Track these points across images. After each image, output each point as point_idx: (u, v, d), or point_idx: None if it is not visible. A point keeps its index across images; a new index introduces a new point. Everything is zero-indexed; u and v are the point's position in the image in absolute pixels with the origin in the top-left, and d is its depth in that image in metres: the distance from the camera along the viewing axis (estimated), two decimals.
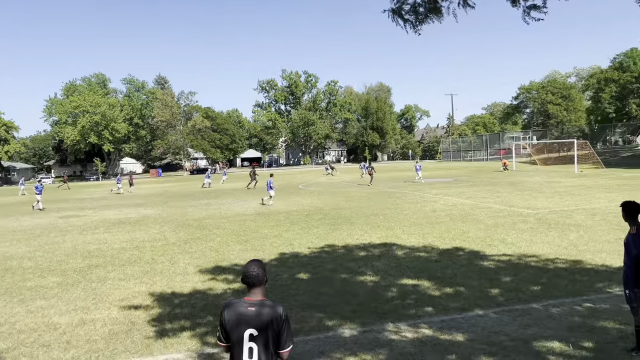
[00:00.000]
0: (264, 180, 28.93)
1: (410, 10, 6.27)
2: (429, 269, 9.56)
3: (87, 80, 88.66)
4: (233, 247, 13.01)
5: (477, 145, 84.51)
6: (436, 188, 28.56)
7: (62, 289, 9.52)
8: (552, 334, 6.12)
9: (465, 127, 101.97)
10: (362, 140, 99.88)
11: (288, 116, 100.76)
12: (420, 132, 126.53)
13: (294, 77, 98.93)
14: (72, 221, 20.96)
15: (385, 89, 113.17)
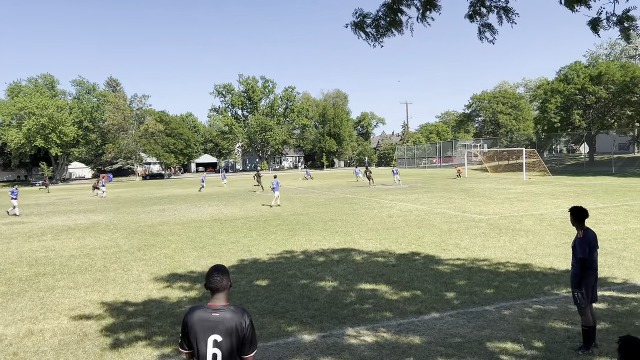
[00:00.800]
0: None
1: (371, 24, 6.40)
2: (387, 274, 9.71)
3: (34, 81, 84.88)
4: (189, 254, 12.77)
5: (431, 152, 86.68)
6: (392, 194, 29.05)
7: (6, 299, 9.06)
8: (504, 335, 6.35)
9: (420, 134, 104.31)
10: (320, 146, 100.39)
11: (245, 121, 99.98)
12: (376, 139, 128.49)
13: (251, 82, 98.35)
14: (17, 227, 19.99)
15: (342, 96, 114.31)
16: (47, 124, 74.35)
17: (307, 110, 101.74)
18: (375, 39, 6.42)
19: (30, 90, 79.90)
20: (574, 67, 57.57)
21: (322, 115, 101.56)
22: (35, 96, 76.85)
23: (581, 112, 54.98)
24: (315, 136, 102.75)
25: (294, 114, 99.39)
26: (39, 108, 74.30)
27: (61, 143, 78.08)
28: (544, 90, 60.97)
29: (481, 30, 6.17)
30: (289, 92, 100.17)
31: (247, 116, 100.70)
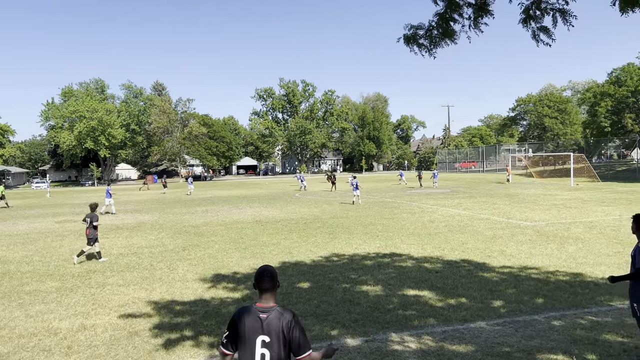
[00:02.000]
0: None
1: (424, 35, 6.32)
2: (430, 280, 9.57)
3: (85, 85, 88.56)
4: (232, 255, 12.98)
5: (473, 156, 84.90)
6: (433, 199, 28.63)
7: (61, 294, 9.47)
8: (555, 345, 6.14)
9: (461, 138, 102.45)
10: (359, 149, 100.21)
11: (285, 124, 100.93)
12: (416, 142, 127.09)
13: (292, 86, 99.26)
14: (68, 226, 20.86)
15: (382, 99, 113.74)
16: (96, 127, 77.38)
17: (346, 114, 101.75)
18: (429, 51, 6.35)
19: (82, 94, 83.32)
20: (627, 69, 55.22)
21: (362, 118, 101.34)
22: (86, 100, 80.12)
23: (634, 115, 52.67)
24: (354, 139, 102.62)
25: (333, 118, 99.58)
26: (89, 111, 77.42)
27: (109, 145, 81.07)
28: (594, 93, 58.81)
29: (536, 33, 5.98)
30: (329, 95, 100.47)
31: (287, 119, 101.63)
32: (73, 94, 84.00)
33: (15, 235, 18.51)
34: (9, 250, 15.01)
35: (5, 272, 11.71)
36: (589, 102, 61.78)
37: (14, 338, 7.06)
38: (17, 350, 6.57)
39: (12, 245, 15.98)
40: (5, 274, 11.50)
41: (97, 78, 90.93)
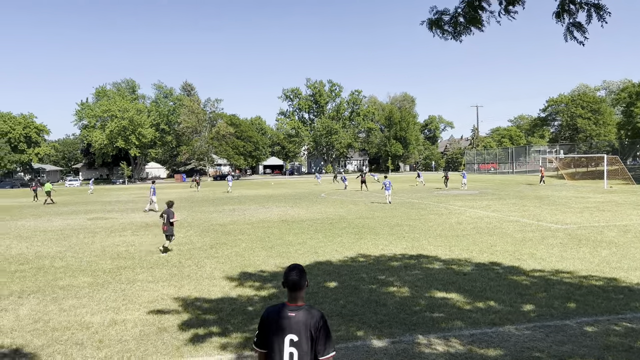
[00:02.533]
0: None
1: (449, 21, 6.23)
2: (457, 282, 9.44)
3: (117, 85, 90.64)
4: (258, 253, 13.08)
5: (503, 157, 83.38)
6: (461, 200, 28.24)
7: (92, 289, 9.71)
8: (587, 352, 5.98)
9: (490, 139, 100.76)
10: (385, 150, 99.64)
11: (311, 125, 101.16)
12: (444, 143, 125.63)
13: (318, 86, 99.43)
14: (100, 223, 21.38)
15: (409, 99, 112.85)
16: (127, 126, 79.07)
17: (373, 114, 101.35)
18: (453, 37, 6.24)
19: (114, 94, 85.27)
20: None
21: (388, 118, 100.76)
22: (117, 100, 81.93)
23: None
24: (380, 140, 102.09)
25: (359, 118, 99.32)
26: (120, 111, 79.15)
27: (140, 144, 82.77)
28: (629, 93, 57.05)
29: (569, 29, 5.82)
30: (356, 95, 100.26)
31: (314, 119, 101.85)
32: (106, 93, 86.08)
33: (50, 231, 19.07)
34: (43, 245, 15.47)
35: (40, 267, 12.08)
36: (624, 103, 59.98)
37: (48, 331, 7.27)
38: (52, 343, 6.76)
39: (46, 241, 16.47)
40: (40, 268, 11.86)
41: (128, 78, 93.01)
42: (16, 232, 18.94)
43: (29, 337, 7.02)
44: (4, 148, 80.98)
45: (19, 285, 10.17)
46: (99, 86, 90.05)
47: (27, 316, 8.03)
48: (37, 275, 11.09)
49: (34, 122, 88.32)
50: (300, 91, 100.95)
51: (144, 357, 6.22)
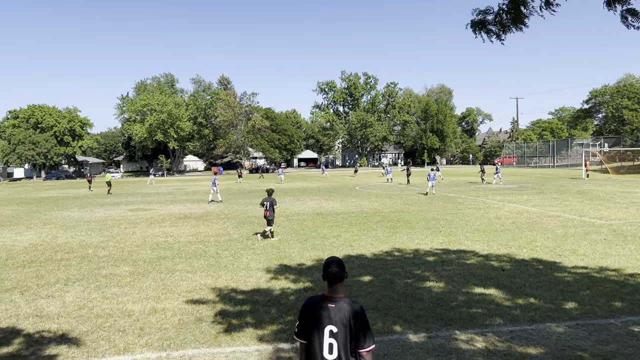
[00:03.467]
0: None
1: (493, 21, 6.05)
2: (496, 278, 9.24)
3: (157, 79, 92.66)
4: (293, 246, 13.17)
5: (543, 151, 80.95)
6: (500, 194, 27.61)
7: (133, 278, 10.00)
8: (633, 352, 5.76)
9: (531, 132, 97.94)
10: (421, 143, 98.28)
11: (346, 117, 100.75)
12: (482, 136, 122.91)
13: (353, 79, 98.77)
14: (140, 214, 21.97)
15: (447, 91, 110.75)
16: (166, 120, 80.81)
17: (408, 106, 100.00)
18: (497, 37, 6.07)
19: (154, 88, 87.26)
20: None
21: (425, 111, 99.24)
22: (157, 94, 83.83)
23: None
24: (416, 133, 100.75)
25: (395, 110, 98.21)
26: (159, 105, 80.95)
27: (178, 137, 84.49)
28: None
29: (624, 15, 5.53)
30: (391, 88, 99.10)
31: (348, 112, 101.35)
32: (146, 88, 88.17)
33: (93, 221, 19.74)
34: (87, 235, 16.03)
35: (84, 256, 12.53)
36: None
37: (93, 318, 7.54)
38: (95, 330, 7.01)
39: (90, 231, 17.06)
40: (84, 257, 12.31)
41: (167, 73, 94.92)
42: (62, 222, 19.70)
43: (74, 323, 7.30)
44: (50, 141, 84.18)
45: (64, 273, 10.58)
46: (139, 81, 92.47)
47: (73, 303, 8.35)
48: (81, 264, 11.51)
49: (78, 116, 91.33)
50: (335, 84, 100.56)
51: (183, 345, 6.37)
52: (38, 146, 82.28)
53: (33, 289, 9.34)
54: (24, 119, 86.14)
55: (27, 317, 7.62)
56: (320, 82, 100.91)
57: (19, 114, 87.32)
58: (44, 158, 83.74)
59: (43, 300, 8.53)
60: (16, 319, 7.55)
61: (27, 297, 8.74)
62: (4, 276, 10.43)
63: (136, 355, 6.08)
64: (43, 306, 8.20)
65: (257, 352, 6.09)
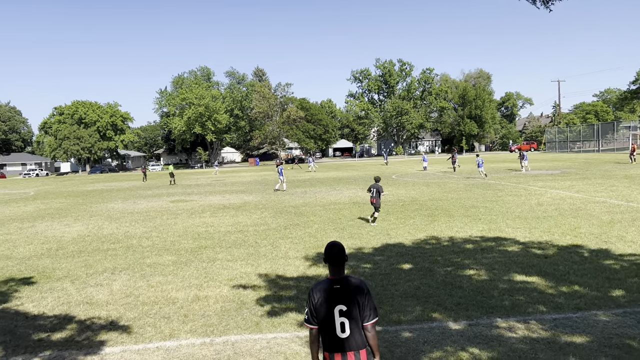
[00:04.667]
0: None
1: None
2: (538, 265, 9.04)
3: (194, 73, 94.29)
4: (330, 234, 13.23)
5: (587, 135, 78.07)
6: (542, 180, 26.86)
7: (177, 267, 10.30)
8: None
9: (574, 115, 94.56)
10: (459, 129, 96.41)
11: (381, 105, 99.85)
12: (522, 121, 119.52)
13: (388, 66, 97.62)
14: (181, 205, 22.54)
15: (485, 75, 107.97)
16: (204, 113, 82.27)
17: (445, 92, 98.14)
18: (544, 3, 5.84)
19: (191, 81, 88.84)
20: None
21: (462, 96, 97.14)
22: (194, 87, 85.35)
23: None
24: (454, 119, 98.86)
25: (431, 97, 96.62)
26: (197, 98, 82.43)
27: (215, 130, 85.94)
28: None
29: None
30: (427, 74, 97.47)
31: (383, 100, 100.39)
32: (183, 81, 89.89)
33: (136, 213, 20.39)
34: (131, 226, 16.59)
35: (129, 246, 12.98)
36: None
37: (139, 305, 7.83)
38: (142, 317, 7.28)
39: (134, 222, 17.64)
40: (129, 247, 12.75)
41: (203, 66, 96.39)
42: (107, 214, 20.44)
43: (122, 310, 7.60)
44: (93, 136, 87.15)
45: (111, 263, 11.01)
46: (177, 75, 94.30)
47: (120, 291, 8.69)
48: (126, 254, 11.94)
49: (119, 111, 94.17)
50: (370, 72, 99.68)
51: (226, 331, 6.55)
52: (82, 141, 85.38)
53: (82, 277, 9.77)
54: (69, 115, 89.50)
55: (78, 305, 7.99)
56: (355, 71, 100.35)
57: (64, 110, 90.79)
58: (88, 152, 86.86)
59: (92, 289, 8.91)
60: (68, 306, 7.92)
61: (77, 286, 9.15)
62: (55, 266, 10.95)
63: (181, 341, 6.29)
64: (92, 294, 8.57)
65: (298, 339, 6.19)
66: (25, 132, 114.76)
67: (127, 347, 6.18)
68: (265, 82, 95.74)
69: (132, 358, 5.86)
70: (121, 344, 6.29)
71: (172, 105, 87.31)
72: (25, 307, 7.96)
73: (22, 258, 11.98)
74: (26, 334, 6.75)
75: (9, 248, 13.42)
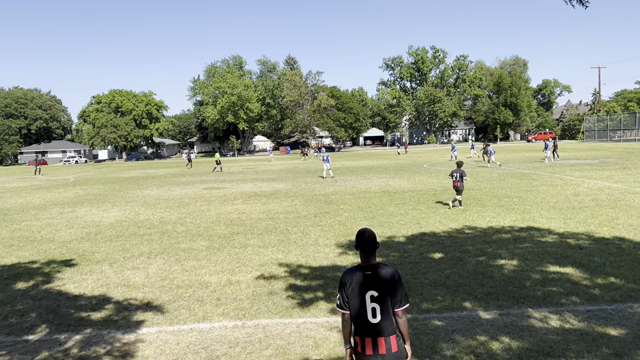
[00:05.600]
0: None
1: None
2: (573, 256, 8.86)
3: (226, 62, 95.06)
4: (360, 223, 13.26)
5: (629, 123, 75.13)
6: (579, 170, 26.12)
7: (210, 252, 10.55)
8: None
9: (614, 103, 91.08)
10: (493, 118, 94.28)
11: (413, 93, 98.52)
12: (560, 109, 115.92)
13: (421, 53, 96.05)
14: (214, 192, 22.95)
15: (521, 62, 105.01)
16: (236, 102, 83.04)
17: (480, 80, 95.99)
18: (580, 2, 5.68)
19: (223, 70, 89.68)
20: None
21: (497, 84, 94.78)
22: (227, 76, 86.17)
23: None
24: (488, 107, 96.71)
25: (465, 84, 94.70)
26: (230, 87, 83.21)
27: (247, 118, 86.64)
28: None
29: None
30: (461, 61, 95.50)
31: (416, 88, 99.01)
32: (216, 70, 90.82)
33: (171, 199, 20.89)
34: (166, 212, 17.02)
35: (164, 231, 13.34)
36: None
37: (174, 288, 8.08)
38: (176, 299, 7.52)
39: (168, 208, 18.09)
40: (164, 233, 13.11)
41: (235, 55, 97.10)
42: (143, 200, 21.01)
43: (157, 293, 7.86)
44: (129, 124, 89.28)
45: (147, 247, 11.36)
46: (209, 64, 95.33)
47: (155, 274, 8.98)
48: (162, 239, 12.28)
49: (154, 99, 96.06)
50: (402, 59, 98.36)
51: (257, 315, 6.70)
52: (119, 129, 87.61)
53: (120, 261, 10.12)
54: (106, 103, 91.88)
55: (116, 287, 8.30)
56: (387, 58, 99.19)
57: (101, 99, 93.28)
58: (124, 140, 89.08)
59: (129, 272, 9.24)
60: (107, 288, 8.25)
61: (115, 269, 9.50)
62: (94, 249, 11.37)
63: (214, 324, 6.48)
64: (129, 277, 8.88)
65: (327, 324, 6.29)
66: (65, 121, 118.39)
67: (163, 328, 6.41)
68: (296, 70, 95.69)
69: (167, 338, 6.08)
70: (157, 325, 6.53)
71: (205, 94, 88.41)
72: (66, 288, 8.33)
73: (63, 241, 12.49)
74: (68, 313, 7.08)
75: (51, 232, 13.99)
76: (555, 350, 5.24)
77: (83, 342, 6.05)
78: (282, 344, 5.75)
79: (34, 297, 7.89)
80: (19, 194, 26.82)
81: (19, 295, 8.05)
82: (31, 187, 31.20)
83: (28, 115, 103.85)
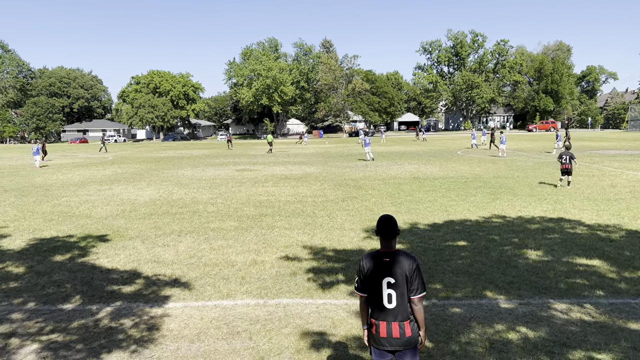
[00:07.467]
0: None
1: None
2: (602, 249, 8.68)
3: (262, 44, 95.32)
4: (387, 209, 13.28)
5: None
6: (618, 161, 25.24)
7: (238, 232, 10.82)
8: None
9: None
10: (533, 105, 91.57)
11: (450, 78, 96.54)
12: (604, 97, 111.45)
13: (460, 37, 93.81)
14: (246, 174, 23.33)
15: (565, 48, 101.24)
16: (271, 84, 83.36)
17: (520, 65, 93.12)
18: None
19: (259, 53, 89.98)
20: None
21: (538, 70, 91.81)
22: (262, 59, 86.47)
23: None
24: (528, 94, 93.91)
25: (505, 70, 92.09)
26: (265, 70, 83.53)
27: (281, 102, 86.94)
28: None
29: None
30: (501, 45, 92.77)
31: (453, 73, 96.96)
32: (252, 53, 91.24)
33: (204, 180, 21.37)
34: (198, 192, 17.45)
35: (195, 210, 13.72)
36: None
37: (201, 266, 8.37)
38: (203, 277, 7.80)
39: (201, 188, 18.53)
40: (195, 212, 13.49)
41: (271, 37, 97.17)
42: (177, 180, 21.57)
43: (185, 270, 8.17)
44: (167, 105, 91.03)
45: (178, 226, 11.73)
46: (245, 46, 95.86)
47: (184, 252, 9.30)
48: (192, 218, 12.65)
49: (191, 81, 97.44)
50: (441, 42, 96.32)
51: (279, 295, 6.89)
52: (156, 109, 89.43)
53: (152, 238, 10.51)
54: (145, 84, 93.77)
55: (147, 262, 8.66)
56: (424, 42, 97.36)
57: (140, 80, 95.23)
58: (161, 120, 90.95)
59: (160, 249, 9.59)
60: (138, 263, 8.61)
61: (147, 245, 9.88)
62: (128, 226, 11.82)
63: (237, 301, 6.71)
64: (160, 253, 9.23)
65: (346, 306, 6.42)
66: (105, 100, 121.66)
67: (188, 303, 6.68)
68: (332, 53, 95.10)
69: (192, 313, 6.34)
70: (183, 300, 6.81)
71: (240, 77, 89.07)
72: (100, 262, 8.74)
73: (99, 217, 13.02)
74: (100, 286, 7.45)
75: (89, 208, 14.59)
76: (572, 341, 5.22)
77: (113, 313, 6.38)
78: (301, 323, 5.92)
79: (70, 270, 8.32)
80: (61, 170, 27.93)
81: (56, 267, 8.51)
82: (72, 165, 32.42)
83: (71, 95, 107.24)
